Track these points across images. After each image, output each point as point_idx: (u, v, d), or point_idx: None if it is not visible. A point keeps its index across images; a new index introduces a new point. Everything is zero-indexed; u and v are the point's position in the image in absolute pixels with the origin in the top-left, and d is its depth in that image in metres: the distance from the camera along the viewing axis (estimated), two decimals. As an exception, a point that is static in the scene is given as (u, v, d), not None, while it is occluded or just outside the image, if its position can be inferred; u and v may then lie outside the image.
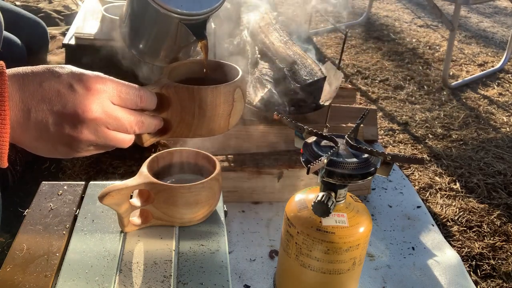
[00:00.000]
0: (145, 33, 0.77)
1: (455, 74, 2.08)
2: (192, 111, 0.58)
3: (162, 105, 0.58)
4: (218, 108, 0.59)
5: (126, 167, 1.25)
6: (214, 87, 0.58)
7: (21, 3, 2.35)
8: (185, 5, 0.66)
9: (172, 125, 0.60)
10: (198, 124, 0.59)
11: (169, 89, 0.58)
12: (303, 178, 1.12)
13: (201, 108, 0.58)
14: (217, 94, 0.58)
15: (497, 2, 3.24)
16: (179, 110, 0.58)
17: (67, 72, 0.49)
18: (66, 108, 0.48)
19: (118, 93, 0.52)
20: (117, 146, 0.54)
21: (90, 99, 0.49)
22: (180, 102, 0.58)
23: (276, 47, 1.32)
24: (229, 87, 0.60)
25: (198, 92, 0.58)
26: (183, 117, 0.59)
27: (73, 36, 1.51)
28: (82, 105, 0.49)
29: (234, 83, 0.61)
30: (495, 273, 1.02)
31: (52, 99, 0.48)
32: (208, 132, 0.62)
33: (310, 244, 0.72)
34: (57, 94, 0.48)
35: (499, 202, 1.24)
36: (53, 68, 0.50)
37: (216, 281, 0.65)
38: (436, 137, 1.56)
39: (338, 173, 0.69)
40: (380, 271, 0.98)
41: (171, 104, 0.58)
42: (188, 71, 0.68)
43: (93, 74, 0.50)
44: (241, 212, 1.11)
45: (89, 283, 0.63)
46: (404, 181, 1.28)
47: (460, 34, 2.59)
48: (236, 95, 0.60)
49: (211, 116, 0.59)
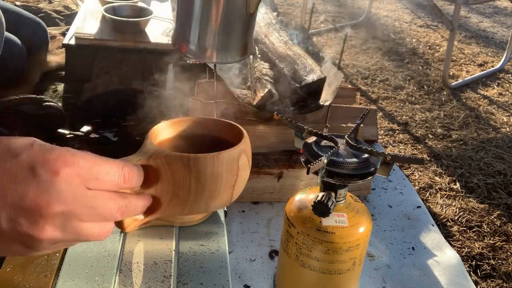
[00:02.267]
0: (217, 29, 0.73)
1: (455, 74, 2.08)
2: (187, 185, 0.47)
3: (150, 179, 0.47)
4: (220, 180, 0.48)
5: (126, 167, 1.25)
6: (215, 155, 0.47)
7: (21, 3, 2.35)
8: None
9: (162, 203, 0.48)
10: (195, 199, 0.48)
11: (159, 159, 0.47)
12: (303, 178, 1.12)
13: (199, 181, 0.47)
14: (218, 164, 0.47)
15: (497, 2, 3.24)
16: (171, 184, 0.47)
17: (28, 150, 0.38)
18: (24, 200, 0.37)
19: (94, 174, 0.40)
20: (92, 240, 0.42)
21: (57, 186, 0.37)
22: (173, 174, 0.47)
23: (276, 47, 1.32)
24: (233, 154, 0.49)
25: (195, 162, 0.46)
26: (176, 193, 0.47)
27: (73, 36, 1.51)
28: (46, 196, 0.37)
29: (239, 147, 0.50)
30: (495, 273, 1.02)
31: (7, 186, 0.36)
32: (207, 208, 0.51)
33: (310, 244, 0.72)
34: (13, 180, 0.37)
35: (499, 202, 1.24)
36: (10, 145, 0.38)
37: (216, 281, 0.65)
38: (436, 137, 1.56)
39: (338, 173, 0.69)
40: (380, 271, 0.98)
41: (161, 178, 0.47)
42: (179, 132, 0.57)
43: (61, 152, 0.38)
44: (241, 212, 1.11)
45: (89, 283, 0.63)
46: (404, 181, 1.28)
47: (460, 34, 2.59)
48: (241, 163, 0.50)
49: (211, 190, 0.48)
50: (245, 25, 0.72)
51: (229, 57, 0.73)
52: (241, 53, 0.74)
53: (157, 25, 1.64)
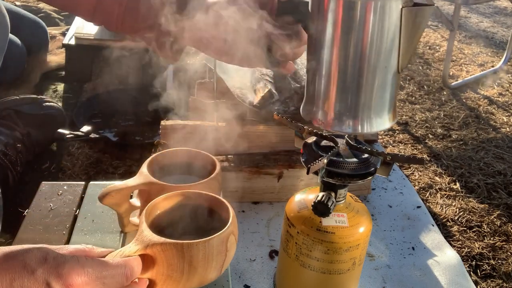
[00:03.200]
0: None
1: (455, 74, 2.08)
2: (181, 268, 0.52)
3: (147, 265, 0.53)
4: (211, 262, 0.54)
5: (126, 167, 1.26)
6: (206, 241, 0.52)
7: (21, 3, 2.35)
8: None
9: (157, 283, 0.54)
10: (188, 279, 0.54)
11: (155, 248, 0.52)
12: (303, 178, 1.12)
13: (192, 264, 0.52)
14: (209, 248, 0.53)
15: (497, 2, 3.24)
16: (166, 267, 0.52)
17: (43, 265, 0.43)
18: None
19: (101, 280, 0.46)
20: None
21: None
22: (167, 259, 0.52)
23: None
24: (222, 237, 0.54)
25: (188, 249, 0.52)
26: (170, 275, 0.53)
27: (73, 36, 1.51)
28: None
29: (227, 230, 0.55)
30: (495, 273, 1.02)
31: None
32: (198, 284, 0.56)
33: (310, 244, 0.72)
34: None
35: (499, 202, 1.24)
36: (26, 260, 0.43)
37: (216, 281, 0.65)
38: (436, 137, 1.56)
39: (338, 173, 0.69)
40: (380, 271, 0.98)
41: (157, 263, 0.52)
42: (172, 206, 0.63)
43: (72, 265, 0.44)
44: (241, 212, 1.11)
45: (89, 283, 0.63)
46: (404, 181, 1.28)
47: (460, 34, 2.59)
48: (229, 243, 0.55)
49: (202, 271, 0.54)
50: (396, 84, 0.66)
51: (380, 124, 0.67)
52: (392, 117, 0.68)
53: (157, 25, 1.64)
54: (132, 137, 1.39)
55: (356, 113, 0.66)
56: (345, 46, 0.62)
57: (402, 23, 0.60)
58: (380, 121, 0.67)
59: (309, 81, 0.69)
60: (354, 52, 0.62)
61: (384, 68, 0.63)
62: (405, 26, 0.61)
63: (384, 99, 0.65)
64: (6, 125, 1.15)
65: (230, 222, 0.56)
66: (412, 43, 0.62)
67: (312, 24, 0.66)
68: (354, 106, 0.65)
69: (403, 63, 0.63)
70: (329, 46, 0.64)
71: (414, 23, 0.61)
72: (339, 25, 0.62)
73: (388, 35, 0.61)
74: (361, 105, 0.65)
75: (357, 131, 0.67)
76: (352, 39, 0.62)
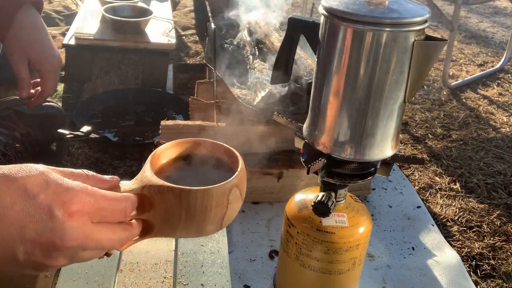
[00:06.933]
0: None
1: (455, 74, 2.08)
2: (178, 214, 0.50)
3: (144, 206, 0.51)
4: (209, 212, 0.51)
5: (126, 167, 1.25)
6: (205, 190, 0.49)
7: (21, 3, 2.34)
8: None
9: (154, 227, 0.52)
10: (185, 227, 0.51)
11: (152, 189, 0.50)
12: (303, 178, 1.12)
13: (189, 212, 0.50)
14: (208, 198, 0.50)
15: (497, 2, 3.24)
16: (163, 212, 0.51)
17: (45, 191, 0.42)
18: (41, 237, 0.41)
19: (101, 212, 0.45)
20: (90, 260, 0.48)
21: (71, 225, 0.42)
22: (165, 203, 0.50)
23: (276, 48, 1.32)
24: (224, 188, 0.51)
25: (185, 195, 0.49)
26: (167, 219, 0.51)
27: (73, 36, 1.51)
28: (61, 234, 0.42)
29: (230, 182, 0.51)
30: (495, 273, 1.02)
31: (26, 225, 0.41)
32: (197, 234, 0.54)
33: (310, 244, 0.72)
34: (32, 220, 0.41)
35: (499, 202, 1.24)
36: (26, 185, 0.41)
37: (216, 281, 0.65)
38: (436, 137, 1.56)
39: (338, 173, 0.69)
40: (380, 271, 0.98)
41: (154, 206, 0.50)
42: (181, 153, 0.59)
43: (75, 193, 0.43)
44: (241, 212, 1.11)
45: (89, 283, 0.63)
46: (404, 181, 1.28)
47: (460, 34, 2.59)
48: (231, 196, 0.52)
49: (199, 220, 0.51)
50: (401, 114, 0.65)
51: (382, 152, 0.67)
52: (394, 145, 0.68)
53: (157, 25, 1.64)
54: (132, 137, 1.39)
55: (359, 141, 0.65)
56: (353, 75, 0.62)
57: (413, 56, 0.60)
58: (382, 150, 0.66)
59: (314, 103, 0.68)
60: (362, 82, 0.62)
61: (391, 98, 0.62)
62: (415, 59, 0.60)
63: (388, 128, 0.65)
64: (6, 125, 1.15)
65: (236, 175, 0.52)
66: (421, 76, 0.62)
67: (321, 48, 0.65)
68: (357, 134, 0.65)
69: (411, 94, 0.63)
70: (337, 73, 0.63)
71: (425, 56, 0.60)
72: (348, 54, 0.61)
73: (398, 67, 0.60)
74: (364, 133, 0.64)
75: (358, 159, 0.66)
76: (361, 69, 0.61)
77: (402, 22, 0.58)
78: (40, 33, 1.03)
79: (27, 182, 0.42)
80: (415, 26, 0.59)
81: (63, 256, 0.43)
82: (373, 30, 0.58)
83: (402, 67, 0.61)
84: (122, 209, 0.47)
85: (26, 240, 0.41)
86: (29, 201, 0.41)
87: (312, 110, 0.69)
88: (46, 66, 1.04)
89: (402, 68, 0.61)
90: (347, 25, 0.59)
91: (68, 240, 0.42)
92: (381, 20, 0.58)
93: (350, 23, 0.59)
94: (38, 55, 1.02)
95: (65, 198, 0.42)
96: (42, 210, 0.41)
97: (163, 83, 1.59)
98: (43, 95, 1.09)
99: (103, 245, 0.46)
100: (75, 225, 0.42)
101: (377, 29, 0.58)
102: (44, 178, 0.43)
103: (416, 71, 0.61)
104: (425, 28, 0.60)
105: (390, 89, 0.62)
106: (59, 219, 0.41)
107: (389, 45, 0.59)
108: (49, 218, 0.41)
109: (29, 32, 1.01)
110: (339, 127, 0.65)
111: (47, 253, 0.42)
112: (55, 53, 1.05)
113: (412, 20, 0.58)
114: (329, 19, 0.61)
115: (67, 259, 0.44)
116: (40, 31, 1.03)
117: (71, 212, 0.42)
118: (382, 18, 0.58)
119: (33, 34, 1.01)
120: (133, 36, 1.54)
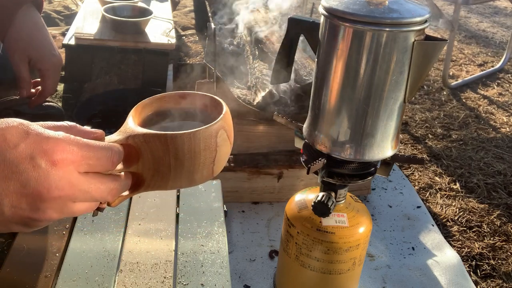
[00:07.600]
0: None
1: (455, 74, 2.08)
2: (167, 162, 0.49)
3: (132, 157, 0.49)
4: (198, 156, 0.49)
5: (126, 167, 1.25)
6: (192, 133, 0.48)
7: (21, 3, 2.35)
8: None
9: (145, 179, 0.51)
10: (176, 175, 0.50)
11: (137, 138, 0.48)
12: (303, 178, 1.12)
13: (178, 158, 0.49)
14: (195, 141, 0.48)
15: (497, 2, 3.24)
16: (152, 161, 0.49)
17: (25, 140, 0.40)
18: (26, 188, 0.40)
19: (86, 160, 0.43)
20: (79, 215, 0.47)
21: (56, 174, 0.40)
22: (152, 152, 0.48)
23: (276, 48, 1.32)
24: (210, 130, 0.49)
25: (172, 141, 0.47)
26: (157, 169, 0.49)
27: (73, 36, 1.51)
28: (46, 183, 0.40)
29: (216, 124, 0.50)
30: (495, 273, 1.02)
31: (8, 176, 0.39)
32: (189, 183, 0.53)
33: (310, 244, 0.72)
34: (15, 170, 0.39)
35: (499, 202, 1.24)
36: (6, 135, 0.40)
37: (216, 281, 0.65)
38: (436, 137, 1.56)
39: (338, 173, 0.69)
40: (380, 271, 0.98)
41: (142, 156, 0.49)
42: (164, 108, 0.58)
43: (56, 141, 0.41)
44: (241, 212, 1.11)
45: (89, 283, 0.63)
46: (404, 181, 1.28)
47: (460, 34, 2.59)
48: (219, 139, 0.50)
49: (190, 166, 0.50)
50: (401, 114, 0.65)
51: (382, 153, 0.66)
52: (394, 145, 0.68)
53: (157, 25, 1.64)
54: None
55: (359, 141, 0.65)
56: (353, 75, 0.62)
57: (413, 56, 0.60)
58: (382, 150, 0.66)
59: (314, 103, 0.68)
60: (362, 82, 0.61)
61: (391, 98, 0.62)
62: (415, 59, 0.60)
63: (388, 128, 0.65)
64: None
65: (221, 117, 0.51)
66: (421, 76, 0.62)
67: (321, 48, 0.65)
68: (357, 134, 0.65)
69: (411, 94, 0.63)
70: (337, 73, 0.63)
71: (425, 56, 0.60)
72: (348, 54, 0.61)
73: (398, 67, 0.60)
74: (364, 133, 0.64)
75: (358, 159, 0.66)
76: (361, 69, 0.61)
77: (402, 22, 0.58)
78: (40, 33, 1.03)
79: (6, 132, 0.40)
80: (415, 26, 0.59)
81: (52, 208, 0.41)
82: (373, 30, 0.58)
83: (402, 67, 0.61)
84: (108, 157, 0.45)
85: (11, 192, 0.40)
86: (10, 151, 0.39)
87: (312, 110, 0.69)
88: (46, 65, 1.04)
89: (402, 68, 0.61)
90: (347, 25, 0.59)
91: (54, 190, 0.40)
92: (381, 20, 0.58)
93: (350, 23, 0.59)
94: (38, 54, 1.02)
95: (47, 146, 0.40)
96: (24, 160, 0.39)
97: (163, 83, 1.59)
98: (44, 94, 1.09)
99: (93, 196, 0.44)
100: (60, 174, 0.41)
101: (377, 29, 0.58)
102: (24, 128, 0.41)
103: (416, 71, 0.61)
104: (425, 28, 0.60)
105: (390, 89, 0.62)
106: (42, 168, 0.40)
107: (389, 45, 0.59)
108: (32, 168, 0.40)
109: (30, 32, 1.01)
110: (339, 127, 0.65)
111: (34, 206, 0.41)
112: (56, 53, 1.05)
113: (412, 20, 0.58)
114: (329, 19, 0.61)
115: (56, 212, 0.42)
116: (40, 30, 1.03)
117: (55, 161, 0.40)
118: (382, 18, 0.58)
119: (34, 33, 1.01)
120: (133, 36, 1.54)
